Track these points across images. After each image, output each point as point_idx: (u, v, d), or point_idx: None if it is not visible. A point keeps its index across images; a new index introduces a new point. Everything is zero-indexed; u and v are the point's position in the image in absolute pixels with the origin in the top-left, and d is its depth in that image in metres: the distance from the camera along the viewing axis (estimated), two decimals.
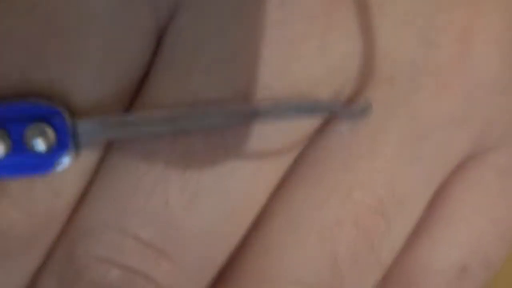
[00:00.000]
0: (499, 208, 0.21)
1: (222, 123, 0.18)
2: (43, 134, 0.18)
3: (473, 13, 0.20)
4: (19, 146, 0.18)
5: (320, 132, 0.20)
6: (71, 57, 0.18)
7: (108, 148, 0.19)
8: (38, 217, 0.19)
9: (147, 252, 0.19)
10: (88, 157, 0.19)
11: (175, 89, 0.19)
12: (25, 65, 0.18)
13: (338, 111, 0.19)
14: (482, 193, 0.21)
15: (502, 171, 0.21)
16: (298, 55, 0.19)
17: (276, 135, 0.19)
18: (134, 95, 0.19)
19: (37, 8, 0.18)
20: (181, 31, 0.19)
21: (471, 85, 0.20)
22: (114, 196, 0.19)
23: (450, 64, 0.20)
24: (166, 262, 0.19)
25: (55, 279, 0.19)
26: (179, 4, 0.19)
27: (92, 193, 0.19)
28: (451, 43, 0.20)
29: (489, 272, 0.22)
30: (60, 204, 0.19)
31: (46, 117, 0.18)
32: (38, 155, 0.18)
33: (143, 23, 0.19)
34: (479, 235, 0.21)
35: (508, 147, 0.21)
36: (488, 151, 0.21)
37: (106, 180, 0.19)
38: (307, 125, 0.19)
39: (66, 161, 0.18)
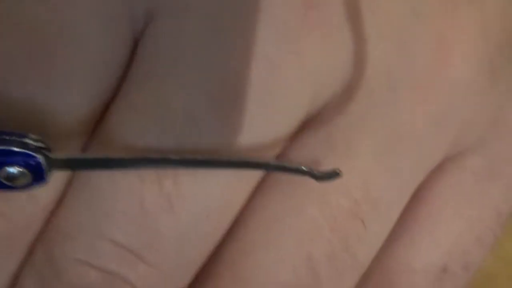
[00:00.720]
0: (475, 210, 0.22)
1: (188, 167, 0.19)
2: (19, 175, 0.18)
3: (448, 23, 0.20)
4: None
5: (295, 138, 0.20)
6: (53, 72, 0.18)
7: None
8: (15, 220, 0.19)
9: (124, 255, 0.19)
10: None
11: (149, 97, 0.19)
12: (5, 79, 0.18)
13: (308, 173, 0.19)
14: (459, 195, 0.21)
15: (478, 173, 0.21)
16: (275, 69, 0.19)
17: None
18: (108, 104, 0.19)
19: (20, 25, 0.18)
20: (157, 40, 0.19)
21: (447, 92, 0.20)
22: (90, 200, 0.19)
23: (426, 74, 0.20)
24: (143, 265, 0.19)
25: (35, 280, 0.20)
26: (155, 13, 0.19)
27: (69, 197, 0.19)
28: (427, 53, 0.20)
29: (468, 273, 0.22)
30: (36, 208, 0.19)
31: (23, 161, 0.18)
32: (14, 188, 0.18)
33: (122, 35, 0.19)
34: (457, 236, 0.21)
35: (484, 150, 0.21)
36: (464, 153, 0.21)
37: (82, 184, 0.19)
38: (284, 130, 0.19)
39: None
